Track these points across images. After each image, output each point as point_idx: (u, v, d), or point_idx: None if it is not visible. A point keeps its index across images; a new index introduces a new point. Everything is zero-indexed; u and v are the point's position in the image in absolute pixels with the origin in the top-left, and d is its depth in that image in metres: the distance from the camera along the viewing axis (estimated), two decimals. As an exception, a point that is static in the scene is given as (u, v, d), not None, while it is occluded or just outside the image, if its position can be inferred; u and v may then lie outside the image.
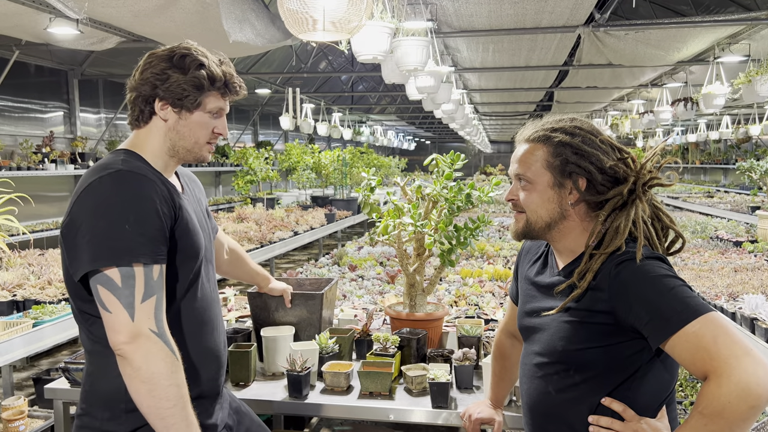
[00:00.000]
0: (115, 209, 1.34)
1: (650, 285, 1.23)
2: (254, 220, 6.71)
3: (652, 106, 9.99)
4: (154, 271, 1.35)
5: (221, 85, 1.50)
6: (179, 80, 1.45)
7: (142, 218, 1.35)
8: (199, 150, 1.54)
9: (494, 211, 8.66)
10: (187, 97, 1.47)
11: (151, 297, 1.34)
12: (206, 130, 1.52)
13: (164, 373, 1.31)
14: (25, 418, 2.80)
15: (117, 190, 1.36)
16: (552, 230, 1.41)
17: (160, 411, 1.31)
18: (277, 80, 11.16)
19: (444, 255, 2.32)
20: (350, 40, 3.44)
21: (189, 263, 1.48)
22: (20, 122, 7.63)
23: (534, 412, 1.45)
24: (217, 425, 1.59)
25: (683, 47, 6.60)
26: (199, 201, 1.70)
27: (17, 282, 3.54)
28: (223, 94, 1.52)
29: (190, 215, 1.51)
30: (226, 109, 1.55)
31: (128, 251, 1.32)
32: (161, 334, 1.34)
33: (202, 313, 1.54)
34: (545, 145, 1.39)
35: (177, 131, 1.50)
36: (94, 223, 1.34)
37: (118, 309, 1.32)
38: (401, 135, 24.63)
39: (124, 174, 1.38)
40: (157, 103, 1.48)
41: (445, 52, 6.90)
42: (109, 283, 1.32)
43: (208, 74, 1.47)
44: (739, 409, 1.10)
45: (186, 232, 1.47)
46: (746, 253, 5.16)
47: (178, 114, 1.49)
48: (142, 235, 1.34)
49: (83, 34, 4.72)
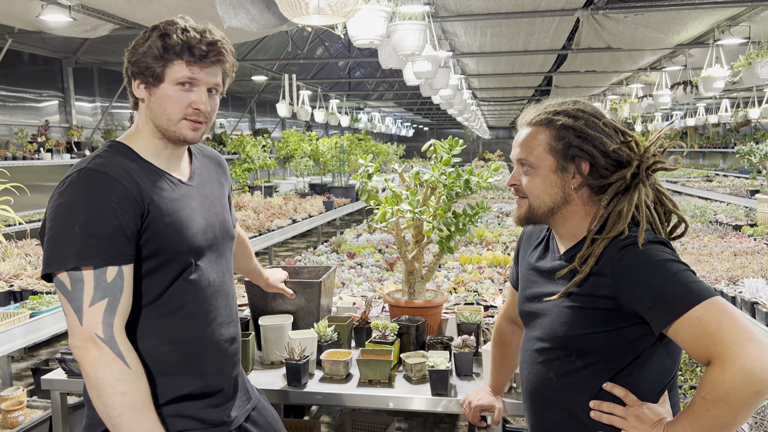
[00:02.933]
0: (68, 211, 1.31)
1: (653, 270, 1.21)
2: (252, 208, 6.68)
3: (651, 90, 9.93)
4: (108, 274, 1.30)
5: (181, 50, 1.36)
6: (140, 53, 1.38)
7: (94, 219, 1.30)
8: (175, 127, 1.42)
9: (493, 197, 8.64)
10: (148, 68, 1.38)
11: (102, 300, 1.29)
12: (177, 104, 1.40)
13: (108, 380, 1.28)
14: (24, 408, 2.79)
15: (73, 191, 1.32)
16: (554, 215, 1.39)
17: (110, 418, 1.29)
18: (273, 67, 11.08)
19: (443, 242, 2.30)
20: (346, 24, 3.39)
21: (172, 257, 1.41)
22: (15, 111, 7.57)
23: (535, 398, 1.44)
24: (229, 421, 1.51)
25: (683, 30, 6.55)
26: (216, 185, 1.62)
27: (14, 272, 3.53)
28: (189, 62, 1.37)
29: (178, 207, 1.43)
30: (199, 79, 1.40)
31: (76, 254, 1.28)
32: (108, 340, 1.29)
33: (202, 304, 1.47)
34: (548, 129, 1.36)
35: (151, 109, 1.42)
36: (51, 225, 1.32)
37: (69, 312, 1.30)
38: (399, 121, 24.54)
39: (83, 174, 1.33)
40: (134, 83, 1.43)
41: (442, 36, 6.84)
42: (62, 286, 1.31)
43: (164, 43, 1.36)
44: (743, 394, 1.09)
45: (163, 227, 1.38)
46: (746, 236, 5.15)
47: (148, 90, 1.41)
48: (92, 237, 1.29)
49: (76, 21, 4.66)
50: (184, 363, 1.44)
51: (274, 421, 1.70)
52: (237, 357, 1.59)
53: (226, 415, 1.52)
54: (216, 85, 1.44)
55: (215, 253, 1.53)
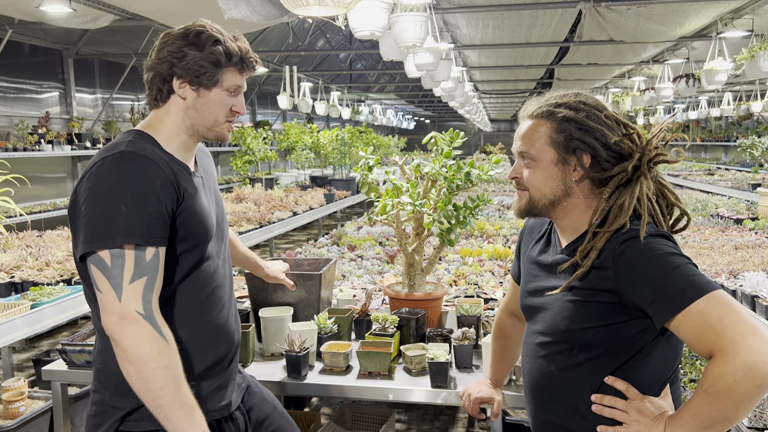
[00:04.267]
0: (113, 191, 1.35)
1: (655, 263, 1.21)
2: (253, 200, 6.68)
3: (654, 83, 9.90)
4: (147, 253, 1.35)
5: (238, 60, 1.49)
6: (196, 57, 1.45)
7: (139, 199, 1.35)
8: (219, 128, 1.54)
9: (494, 190, 8.63)
10: (205, 74, 1.46)
11: (141, 278, 1.33)
12: (224, 108, 1.52)
13: (151, 355, 1.31)
14: (26, 399, 2.80)
15: (117, 171, 1.36)
16: (555, 208, 1.38)
17: (150, 392, 1.32)
18: (274, 59, 11.04)
19: (443, 234, 2.30)
20: (347, 15, 3.37)
21: (196, 244, 1.49)
22: (16, 103, 7.56)
23: (536, 391, 1.44)
24: (230, 405, 1.59)
25: (685, 22, 6.51)
26: (214, 177, 1.72)
27: (15, 264, 3.53)
28: (241, 70, 1.51)
29: (199, 196, 1.51)
30: (243, 86, 1.54)
31: (122, 232, 1.32)
32: (148, 317, 1.33)
33: (213, 292, 1.55)
34: (549, 121, 1.35)
35: (196, 109, 1.50)
36: (92, 204, 1.35)
37: (107, 289, 1.33)
38: (400, 114, 24.48)
39: (126, 155, 1.38)
40: (175, 81, 1.48)
41: (444, 28, 6.81)
42: (101, 264, 1.33)
43: (225, 50, 1.46)
44: (745, 388, 1.09)
45: (192, 215, 1.46)
46: (747, 230, 5.14)
47: (196, 92, 1.49)
48: (137, 216, 1.34)
49: (76, 12, 4.64)
50: (199, 345, 1.51)
51: (269, 396, 1.80)
52: (239, 340, 1.66)
53: (232, 398, 1.60)
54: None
55: (222, 241, 1.63)
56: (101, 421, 1.45)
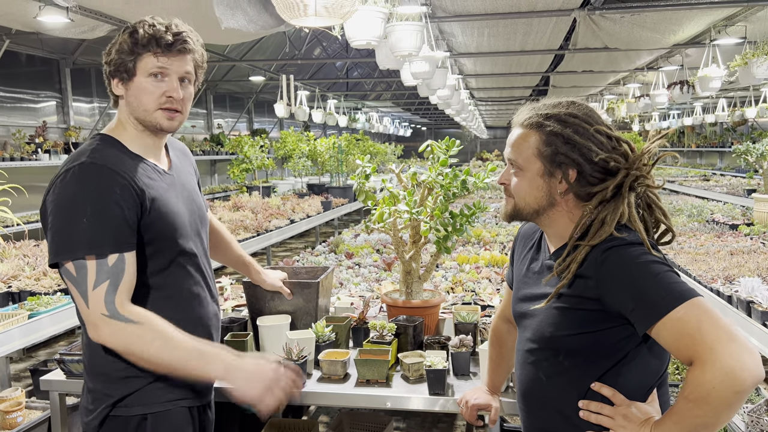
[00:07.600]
0: (75, 203, 1.40)
1: (635, 271, 1.22)
2: (250, 208, 6.68)
3: (648, 90, 9.95)
4: (109, 260, 1.40)
5: (148, 42, 1.46)
6: (113, 52, 1.49)
7: (99, 210, 1.40)
8: (151, 117, 1.51)
9: (490, 197, 8.65)
10: (122, 64, 1.48)
11: (104, 283, 1.39)
12: (151, 94, 1.49)
13: (134, 344, 1.40)
14: (23, 409, 2.79)
15: (77, 183, 1.41)
16: (540, 216, 1.41)
17: (160, 367, 1.42)
18: (271, 67, 11.08)
19: (440, 242, 2.31)
20: (343, 25, 3.40)
21: (166, 243, 1.53)
22: (12, 112, 7.57)
23: (526, 398, 1.45)
24: (210, 392, 1.66)
25: (679, 30, 6.57)
26: (190, 174, 1.73)
27: (12, 273, 3.52)
28: (157, 53, 1.47)
29: (167, 197, 1.54)
30: (169, 67, 1.48)
31: (84, 245, 1.38)
32: (112, 314, 1.39)
33: (192, 287, 1.59)
34: (538, 133, 1.37)
35: (128, 102, 1.52)
36: (56, 217, 1.41)
37: (77, 297, 1.40)
38: (397, 121, 24.53)
39: (85, 167, 1.43)
40: (112, 83, 1.53)
41: (439, 37, 6.84)
42: (68, 274, 1.40)
43: (134, 37, 1.47)
44: (724, 394, 1.10)
45: (159, 216, 1.50)
46: (742, 236, 5.16)
47: (125, 85, 1.51)
48: (98, 226, 1.39)
49: (74, 22, 4.66)
50: None
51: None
52: (219, 332, 1.74)
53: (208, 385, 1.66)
54: (187, 73, 1.53)
55: (198, 237, 1.66)
56: (95, 407, 1.51)
